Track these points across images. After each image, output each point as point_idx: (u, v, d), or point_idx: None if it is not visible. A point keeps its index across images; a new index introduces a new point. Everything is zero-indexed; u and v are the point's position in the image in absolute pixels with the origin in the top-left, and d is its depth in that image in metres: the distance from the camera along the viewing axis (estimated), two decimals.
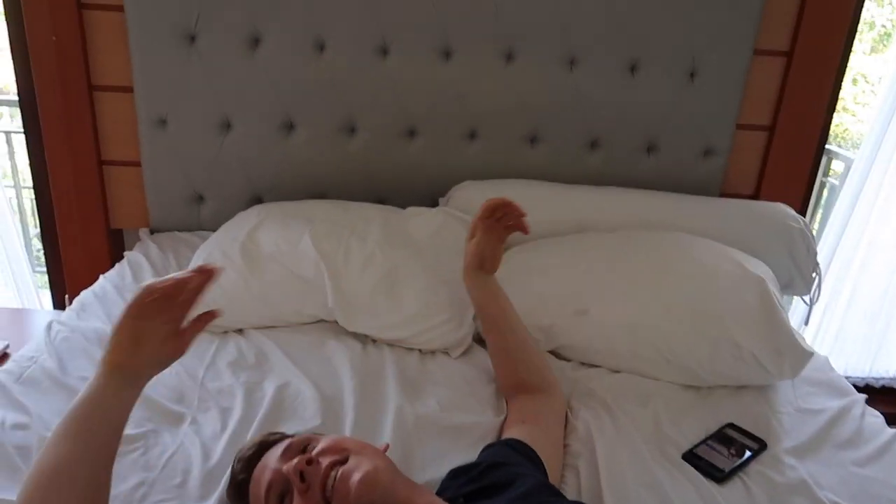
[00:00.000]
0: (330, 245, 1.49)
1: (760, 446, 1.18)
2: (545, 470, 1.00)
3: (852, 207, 2.13)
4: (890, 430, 1.24)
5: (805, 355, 1.31)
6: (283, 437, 0.95)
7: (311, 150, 1.80)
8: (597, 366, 1.40)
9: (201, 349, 1.37)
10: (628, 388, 1.33)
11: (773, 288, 1.39)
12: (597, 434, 1.15)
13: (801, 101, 1.80)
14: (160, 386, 1.24)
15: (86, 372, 1.26)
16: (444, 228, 1.58)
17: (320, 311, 1.48)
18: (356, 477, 0.80)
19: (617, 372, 1.38)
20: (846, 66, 1.85)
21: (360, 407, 1.22)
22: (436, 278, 1.47)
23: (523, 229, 1.24)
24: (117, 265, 1.70)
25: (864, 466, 1.16)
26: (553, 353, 1.43)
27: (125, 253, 1.76)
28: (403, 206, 1.71)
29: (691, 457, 1.15)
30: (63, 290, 1.95)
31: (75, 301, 1.52)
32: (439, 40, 1.71)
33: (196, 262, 1.53)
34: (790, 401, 1.33)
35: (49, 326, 1.39)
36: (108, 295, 1.54)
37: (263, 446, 0.92)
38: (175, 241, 1.79)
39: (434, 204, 1.81)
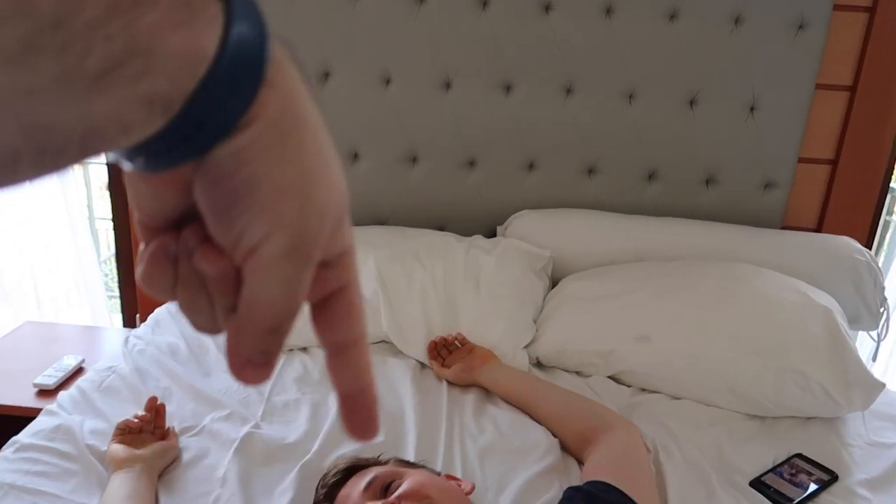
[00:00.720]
0: (393, 270, 1.53)
1: (831, 478, 1.15)
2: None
3: None
4: None
5: (877, 386, 1.27)
6: (368, 463, 0.97)
7: (375, 179, 1.86)
8: (657, 391, 1.39)
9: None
10: (690, 415, 1.31)
11: (840, 318, 1.37)
12: (664, 457, 1.15)
13: (865, 136, 1.79)
14: (230, 396, 1.29)
15: (161, 381, 1.32)
16: (505, 257, 1.60)
17: (379, 332, 1.51)
18: None
19: (677, 399, 1.37)
20: None
21: (421, 426, 1.23)
22: (493, 309, 1.49)
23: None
24: None
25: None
26: (612, 378, 1.43)
27: None
28: (463, 235, 1.74)
29: (759, 485, 1.13)
30: (134, 309, 2.04)
31: (150, 318, 1.59)
32: (500, 74, 1.76)
33: None
34: (861, 434, 1.29)
35: (126, 340, 1.46)
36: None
37: (349, 472, 0.95)
38: None
39: (492, 233, 1.85)
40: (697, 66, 1.73)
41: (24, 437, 1.13)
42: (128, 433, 1.11)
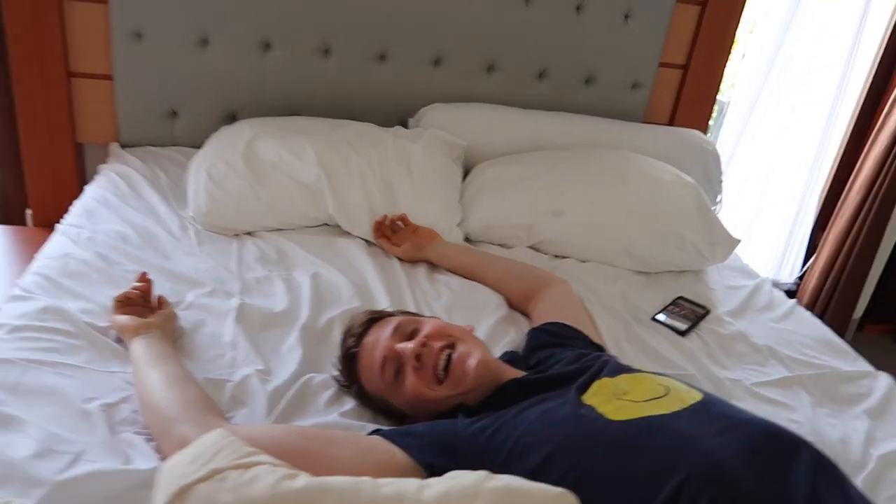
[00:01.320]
0: (331, 157, 1.63)
1: (706, 311, 1.52)
2: (585, 335, 1.23)
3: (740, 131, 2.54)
4: (791, 300, 1.63)
5: (733, 242, 1.67)
6: (387, 314, 1.12)
7: (288, 70, 1.89)
8: (568, 256, 1.68)
9: (222, 249, 1.49)
10: (597, 273, 1.62)
11: (702, 192, 1.73)
12: (587, 304, 1.43)
13: (710, 44, 2.15)
14: (203, 275, 1.36)
15: (126, 265, 1.34)
16: (430, 145, 1.76)
17: (323, 215, 1.63)
18: (472, 362, 0.99)
19: (584, 262, 1.67)
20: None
21: (389, 293, 1.40)
22: (427, 192, 1.67)
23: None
24: (100, 177, 1.71)
25: (778, 322, 1.54)
26: (532, 248, 1.69)
27: (102, 166, 1.77)
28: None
29: (656, 318, 1.47)
30: (23, 202, 1.92)
31: (78, 209, 1.55)
32: None
33: (197, 172, 1.61)
34: (718, 280, 1.69)
35: (66, 231, 1.44)
36: (112, 202, 1.58)
37: (371, 322, 1.09)
38: (154, 156, 1.82)
39: (402, 124, 1.98)
40: None
41: (9, 319, 1.12)
42: (128, 305, 1.16)
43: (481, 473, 0.66)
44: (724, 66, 2.20)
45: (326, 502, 0.59)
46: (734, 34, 2.15)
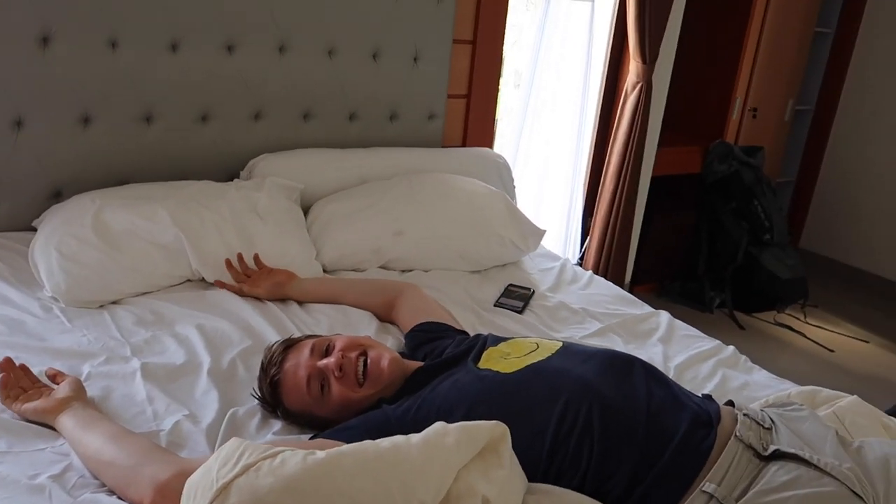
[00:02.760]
0: (184, 216, 1.73)
1: (532, 291, 1.87)
2: (450, 326, 1.49)
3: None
4: (588, 271, 2.05)
5: (540, 232, 2.05)
6: (298, 339, 1.28)
7: (110, 142, 1.93)
8: (412, 269, 1.94)
9: (96, 321, 1.53)
10: (441, 278, 1.90)
11: (507, 196, 2.11)
12: (442, 302, 1.71)
13: (483, 76, 2.56)
14: (90, 347, 1.40)
15: (3, 353, 1.34)
16: (272, 191, 1.92)
17: (186, 272, 1.72)
18: (384, 362, 1.20)
19: (428, 271, 1.94)
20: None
21: (273, 326, 1.55)
22: (280, 234, 1.83)
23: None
24: None
25: (584, 290, 1.94)
26: (382, 267, 1.93)
27: None
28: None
29: (498, 305, 1.79)
30: None
31: None
32: (223, 36, 2.00)
33: (44, 252, 1.62)
34: (533, 266, 2.07)
35: None
36: None
37: (288, 349, 1.24)
38: None
39: (231, 179, 2.12)
40: (379, 27, 2.24)
41: None
42: (18, 391, 1.20)
43: (441, 423, 0.89)
44: (497, 91, 2.63)
45: (346, 463, 0.78)
46: (500, 63, 2.58)
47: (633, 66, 2.94)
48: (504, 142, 2.95)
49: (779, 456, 0.97)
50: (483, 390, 1.10)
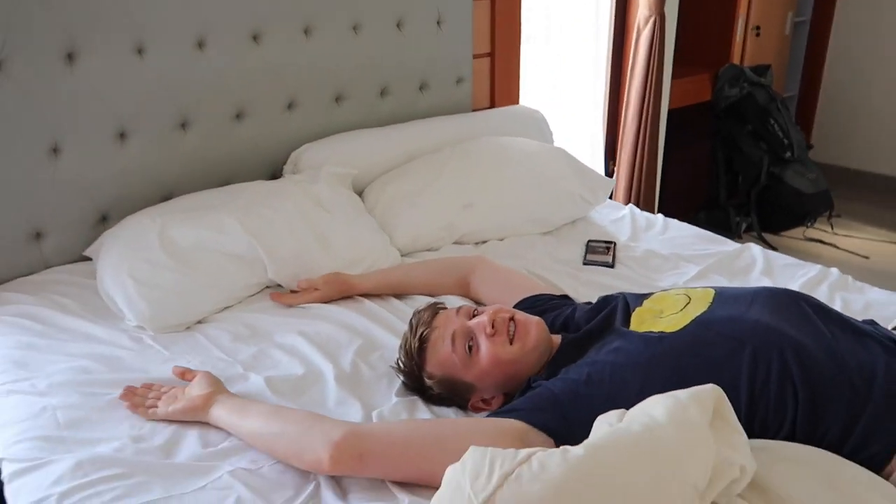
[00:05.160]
0: (252, 222, 1.64)
1: (613, 244, 1.82)
2: (550, 294, 1.44)
3: None
4: (660, 215, 2.01)
5: (608, 183, 1.99)
6: (444, 306, 1.24)
7: (149, 155, 1.82)
8: (486, 240, 1.88)
9: (192, 344, 1.45)
10: (517, 245, 1.84)
11: (565, 150, 2.04)
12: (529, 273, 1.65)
13: (505, 32, 2.46)
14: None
15: (115, 392, 1.25)
16: (329, 182, 1.83)
17: (263, 279, 1.64)
18: (532, 324, 1.17)
19: (502, 239, 1.88)
20: None
21: (375, 321, 1.49)
22: (351, 224, 1.75)
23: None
24: None
25: (664, 234, 1.90)
26: (455, 243, 1.86)
27: None
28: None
29: (587, 262, 1.73)
30: None
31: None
32: (247, 26, 1.88)
33: (118, 282, 1.52)
34: (602, 217, 2.02)
35: (11, 389, 1.30)
36: (38, 345, 1.41)
37: (437, 310, 1.21)
38: (37, 286, 1.64)
39: (274, 174, 2.02)
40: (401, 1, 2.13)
41: (45, 491, 1.03)
42: (154, 402, 1.21)
43: (670, 396, 0.84)
44: (519, 47, 2.54)
45: (608, 456, 0.72)
46: (520, 18, 2.49)
47: (645, 0, 2.86)
48: (528, 97, 2.86)
49: None
50: (656, 355, 1.05)
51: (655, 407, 0.81)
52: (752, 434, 0.96)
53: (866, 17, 3.90)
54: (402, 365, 1.23)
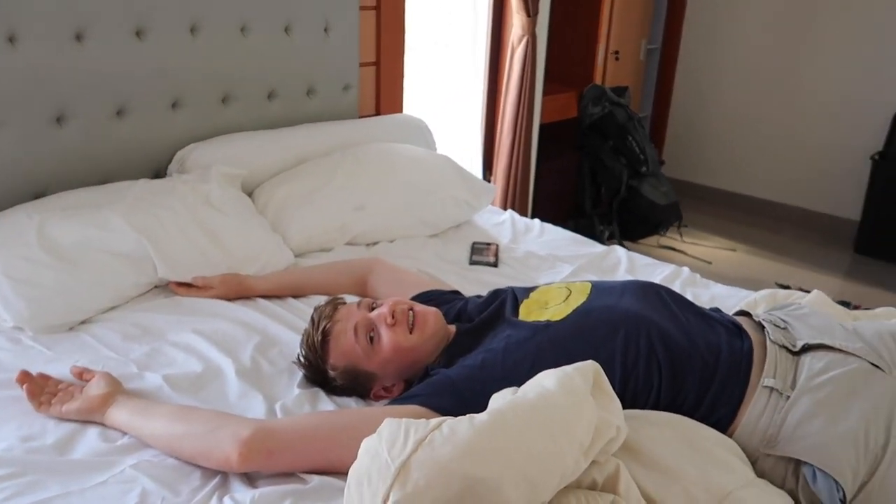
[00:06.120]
0: (141, 219, 1.61)
1: (497, 245, 1.95)
2: (440, 290, 1.53)
3: None
4: (536, 220, 2.17)
5: (491, 190, 2.12)
6: (343, 301, 1.28)
7: (19, 149, 1.73)
8: (377, 242, 1.95)
9: (78, 343, 1.41)
10: (406, 248, 1.93)
11: (450, 158, 2.16)
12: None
13: (390, 41, 2.55)
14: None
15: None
16: (220, 181, 1.82)
17: (153, 278, 1.61)
18: (430, 314, 1.25)
19: (392, 241, 1.96)
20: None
21: (274, 318, 1.51)
22: (243, 224, 1.75)
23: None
24: None
25: (541, 237, 2.06)
26: (348, 244, 1.91)
27: None
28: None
29: (473, 262, 1.85)
30: None
31: None
32: (130, 21, 1.84)
33: None
34: (485, 221, 2.15)
35: None
36: None
37: (338, 304, 1.26)
38: None
39: (158, 174, 1.98)
40: (289, 6, 2.16)
41: None
42: (49, 397, 1.19)
43: (560, 369, 0.95)
44: (403, 57, 2.63)
45: (510, 419, 0.82)
46: (404, 27, 2.58)
47: (518, 20, 3.06)
48: (411, 107, 2.96)
49: (807, 348, 1.14)
50: (544, 340, 1.16)
51: (546, 378, 0.92)
52: (625, 404, 1.10)
53: (708, 47, 4.37)
54: (304, 359, 1.27)
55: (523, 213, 3.43)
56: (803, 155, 4.16)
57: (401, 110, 2.68)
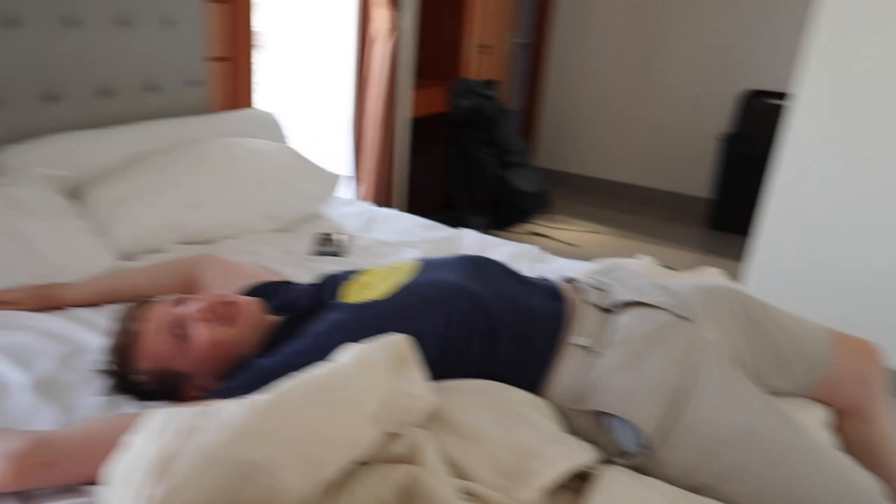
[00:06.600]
0: None
1: (345, 236, 1.93)
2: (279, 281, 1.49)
3: None
4: (387, 208, 2.16)
5: (335, 177, 2.10)
6: (157, 300, 1.20)
7: None
8: (217, 240, 1.87)
9: None
10: (249, 243, 1.86)
11: (295, 149, 2.11)
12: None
13: (239, 35, 2.47)
14: None
15: None
16: (35, 184, 1.70)
17: None
18: (246, 303, 1.20)
19: (237, 237, 1.89)
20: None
21: (88, 327, 1.41)
22: (59, 228, 1.63)
23: None
24: None
25: (394, 225, 2.04)
26: (183, 243, 1.82)
27: None
28: None
29: (317, 253, 1.82)
30: None
31: None
32: None
33: None
34: (336, 213, 2.13)
35: None
36: None
37: (144, 304, 1.18)
38: None
39: None
40: None
41: None
42: None
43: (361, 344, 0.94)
44: (252, 50, 2.56)
45: (293, 396, 0.79)
46: (251, 24, 2.51)
47: (382, 14, 3.04)
48: (265, 101, 2.89)
49: (619, 307, 1.19)
50: (365, 320, 1.14)
51: (344, 354, 0.91)
52: (445, 375, 1.10)
53: (577, 41, 4.53)
54: (109, 365, 1.18)
55: (400, 207, 3.42)
56: (661, 139, 4.40)
57: (250, 105, 2.60)
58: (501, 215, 3.96)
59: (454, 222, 3.87)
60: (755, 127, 3.95)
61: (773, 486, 1.00)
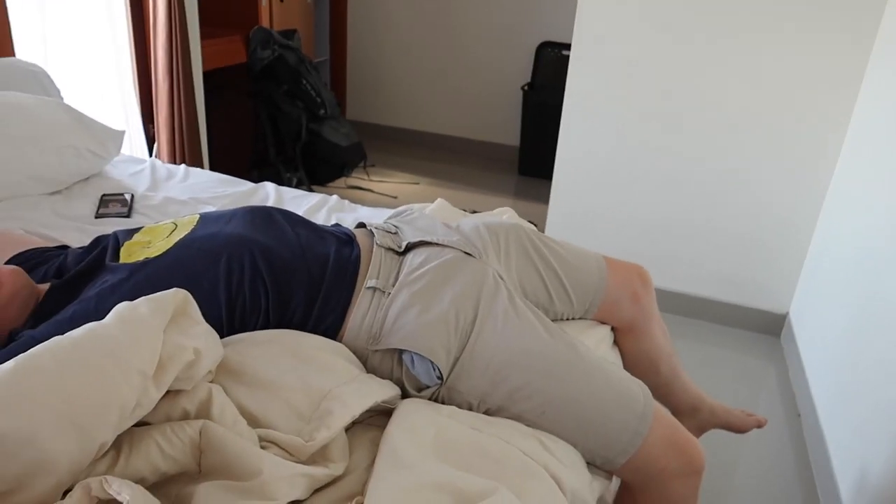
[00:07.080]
0: None
1: (132, 195, 1.77)
2: (47, 247, 1.34)
3: None
4: (182, 166, 2.01)
5: (119, 134, 1.92)
6: None
7: None
8: None
9: None
10: (15, 208, 1.66)
11: (69, 104, 1.89)
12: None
13: None
14: None
15: None
16: None
17: None
18: (6, 273, 1.07)
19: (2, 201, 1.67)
20: None
21: None
22: None
23: None
24: None
25: (184, 181, 1.91)
26: None
27: None
28: None
29: (99, 215, 1.67)
30: None
31: None
32: None
33: None
34: (120, 172, 1.94)
35: None
36: None
37: None
38: None
39: None
40: None
41: None
42: None
43: (125, 302, 0.87)
44: None
45: (44, 361, 0.71)
46: None
47: None
48: (31, 53, 2.55)
49: (410, 248, 1.21)
50: (140, 280, 1.07)
51: (116, 309, 0.84)
52: (234, 329, 1.07)
53: None
54: None
55: (198, 165, 3.22)
56: (469, 91, 4.52)
57: (11, 54, 2.29)
58: (317, 170, 3.88)
59: (269, 180, 3.76)
60: (550, 77, 4.18)
61: (555, 400, 1.09)
